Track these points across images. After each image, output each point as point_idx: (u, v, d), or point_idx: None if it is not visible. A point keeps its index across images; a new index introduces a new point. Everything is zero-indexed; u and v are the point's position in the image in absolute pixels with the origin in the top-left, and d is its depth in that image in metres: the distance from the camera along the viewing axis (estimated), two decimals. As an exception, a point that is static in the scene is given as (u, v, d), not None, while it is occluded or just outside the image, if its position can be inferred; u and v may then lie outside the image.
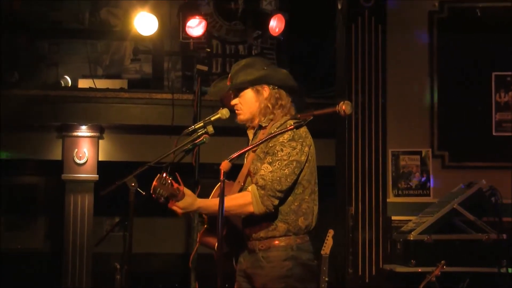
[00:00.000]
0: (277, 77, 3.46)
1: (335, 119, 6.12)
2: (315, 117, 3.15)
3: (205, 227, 3.49)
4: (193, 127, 3.42)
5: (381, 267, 5.89)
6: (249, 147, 3.26)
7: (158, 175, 3.12)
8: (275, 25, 6.72)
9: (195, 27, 6.43)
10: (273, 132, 3.27)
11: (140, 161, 6.02)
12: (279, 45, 7.62)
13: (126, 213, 3.35)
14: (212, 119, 3.41)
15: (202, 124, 3.40)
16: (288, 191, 3.27)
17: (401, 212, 6.04)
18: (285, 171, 3.23)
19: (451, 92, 6.22)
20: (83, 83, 7.50)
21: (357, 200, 5.98)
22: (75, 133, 7.27)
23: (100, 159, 7.34)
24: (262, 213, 3.24)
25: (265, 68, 3.47)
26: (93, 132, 7.30)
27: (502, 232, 5.39)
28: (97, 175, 7.27)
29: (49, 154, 7.39)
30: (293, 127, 3.18)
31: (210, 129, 3.38)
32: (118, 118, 7.18)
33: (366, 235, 5.92)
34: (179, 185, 3.15)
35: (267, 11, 7.26)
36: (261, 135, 3.41)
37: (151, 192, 3.13)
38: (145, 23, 6.75)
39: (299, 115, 3.22)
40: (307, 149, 3.31)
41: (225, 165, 3.02)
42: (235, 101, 3.46)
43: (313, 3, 7.32)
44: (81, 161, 7.26)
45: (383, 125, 6.06)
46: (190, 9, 6.50)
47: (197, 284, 6.24)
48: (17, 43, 7.83)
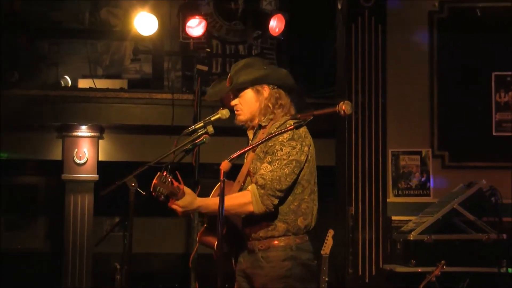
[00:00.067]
0: (276, 76, 3.46)
1: (335, 119, 6.12)
2: (315, 117, 3.14)
3: (205, 226, 3.49)
4: (193, 127, 3.41)
5: (381, 267, 5.89)
6: (249, 147, 3.26)
7: (158, 173, 3.12)
8: (275, 25, 6.72)
9: (195, 27, 6.42)
10: (273, 132, 3.27)
11: (140, 161, 6.03)
12: (279, 45, 7.61)
13: (126, 213, 3.34)
14: (212, 119, 3.41)
15: (202, 124, 3.40)
16: (288, 190, 3.27)
17: (401, 212, 6.04)
18: (285, 171, 3.23)
19: (451, 92, 6.22)
20: (83, 83, 7.50)
21: (357, 200, 5.98)
22: (75, 133, 7.27)
23: (100, 159, 7.34)
24: (262, 213, 3.24)
25: (264, 67, 3.47)
26: (93, 132, 7.30)
27: (502, 232, 5.39)
28: (97, 175, 7.27)
29: (49, 154, 7.39)
30: (293, 127, 3.18)
31: (210, 129, 3.38)
32: (118, 118, 7.18)
33: (366, 235, 5.92)
34: (179, 183, 3.15)
35: (267, 11, 7.26)
36: (261, 134, 3.41)
37: (151, 190, 3.13)
38: (145, 23, 6.75)
39: (299, 115, 3.21)
40: (306, 148, 3.31)
41: (225, 165, 3.02)
42: (235, 102, 3.45)
43: (313, 3, 7.32)
44: (81, 161, 7.26)
45: (383, 125, 6.06)
46: (190, 9, 6.50)
47: (197, 284, 6.24)
48: (17, 43, 7.83)
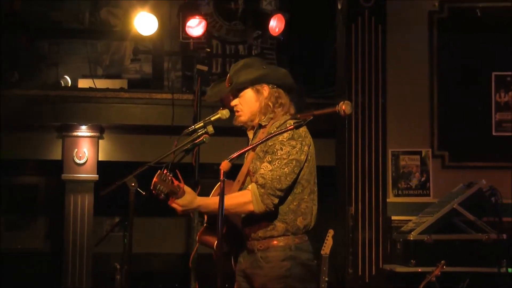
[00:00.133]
0: (276, 76, 3.45)
1: (335, 119, 6.13)
2: (315, 117, 3.14)
3: (205, 225, 3.49)
4: (193, 127, 3.41)
5: (381, 267, 5.89)
6: (249, 147, 3.25)
7: (158, 171, 3.11)
8: (275, 25, 6.71)
9: (195, 27, 6.42)
10: (273, 131, 3.27)
11: (140, 161, 6.03)
12: (279, 45, 7.61)
13: (126, 213, 3.34)
14: (212, 119, 3.40)
15: (202, 124, 3.39)
16: (287, 190, 3.27)
17: (401, 212, 6.04)
18: (285, 170, 3.22)
19: (451, 92, 6.22)
20: (83, 83, 7.51)
21: (357, 200, 5.98)
22: (75, 133, 7.28)
23: (100, 159, 7.34)
24: (262, 212, 3.23)
25: (264, 67, 3.47)
26: (93, 132, 7.30)
27: (502, 232, 5.39)
28: (97, 175, 7.27)
29: (49, 154, 7.39)
30: (292, 127, 3.18)
31: (210, 129, 3.37)
32: (118, 118, 7.18)
33: (366, 235, 5.92)
34: (180, 182, 3.15)
35: (267, 11, 7.25)
36: (261, 134, 3.41)
37: (151, 188, 3.12)
38: (145, 23, 6.75)
39: (299, 115, 3.21)
40: (306, 148, 3.30)
41: (225, 165, 3.02)
42: (235, 102, 3.45)
43: (313, 3, 7.32)
44: (81, 161, 7.26)
45: (383, 125, 6.06)
46: (190, 9, 6.49)
47: (197, 284, 6.24)
48: (17, 43, 7.83)
